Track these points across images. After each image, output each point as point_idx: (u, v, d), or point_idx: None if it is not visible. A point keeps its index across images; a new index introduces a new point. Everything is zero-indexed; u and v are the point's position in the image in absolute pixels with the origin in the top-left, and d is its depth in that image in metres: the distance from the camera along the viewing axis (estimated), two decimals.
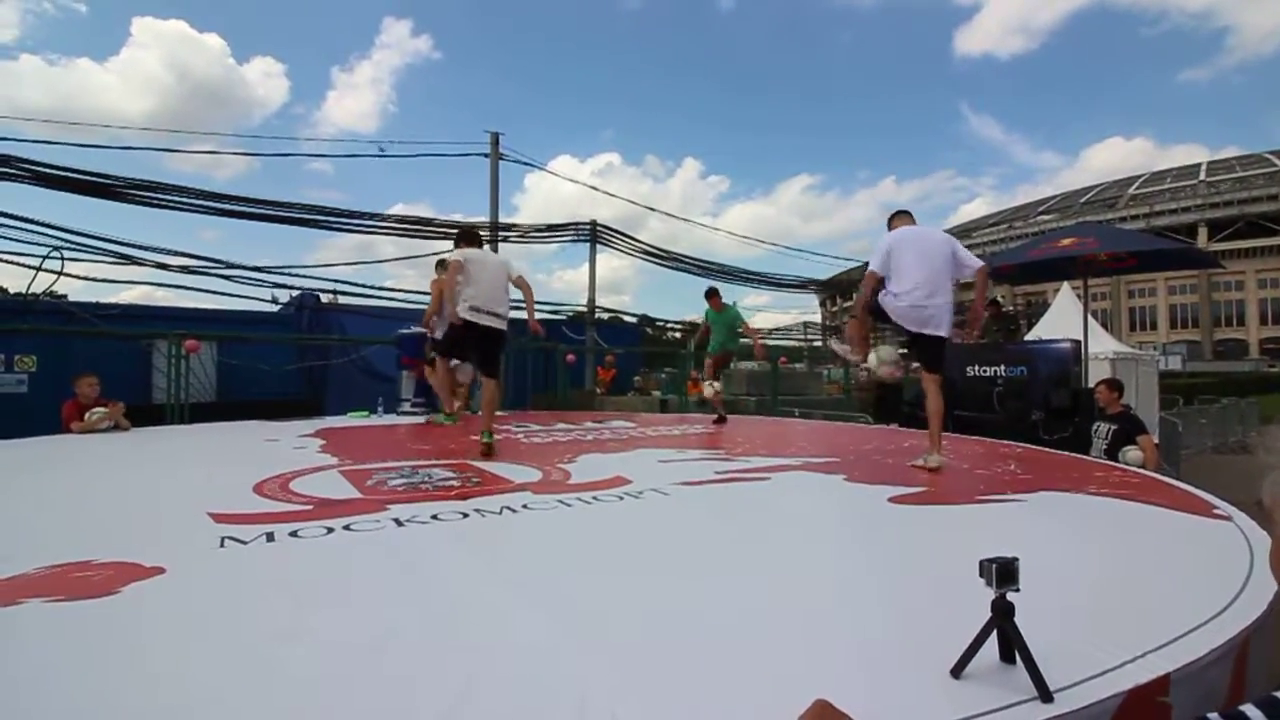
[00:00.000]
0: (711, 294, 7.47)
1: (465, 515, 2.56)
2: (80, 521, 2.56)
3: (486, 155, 12.82)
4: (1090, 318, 18.33)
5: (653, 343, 22.93)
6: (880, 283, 4.11)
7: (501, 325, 4.68)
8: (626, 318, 20.29)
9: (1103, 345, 13.75)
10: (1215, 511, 2.70)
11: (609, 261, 77.40)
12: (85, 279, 11.11)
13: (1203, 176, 66.98)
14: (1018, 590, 1.23)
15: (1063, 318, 16.82)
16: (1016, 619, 1.23)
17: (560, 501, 2.85)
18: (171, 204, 11.11)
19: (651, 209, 73.29)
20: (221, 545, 2.11)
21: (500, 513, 2.63)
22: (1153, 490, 3.29)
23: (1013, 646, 1.24)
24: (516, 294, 4.91)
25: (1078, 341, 9.29)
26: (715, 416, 7.26)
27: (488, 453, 4.21)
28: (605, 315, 17.29)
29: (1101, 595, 1.80)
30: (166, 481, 3.52)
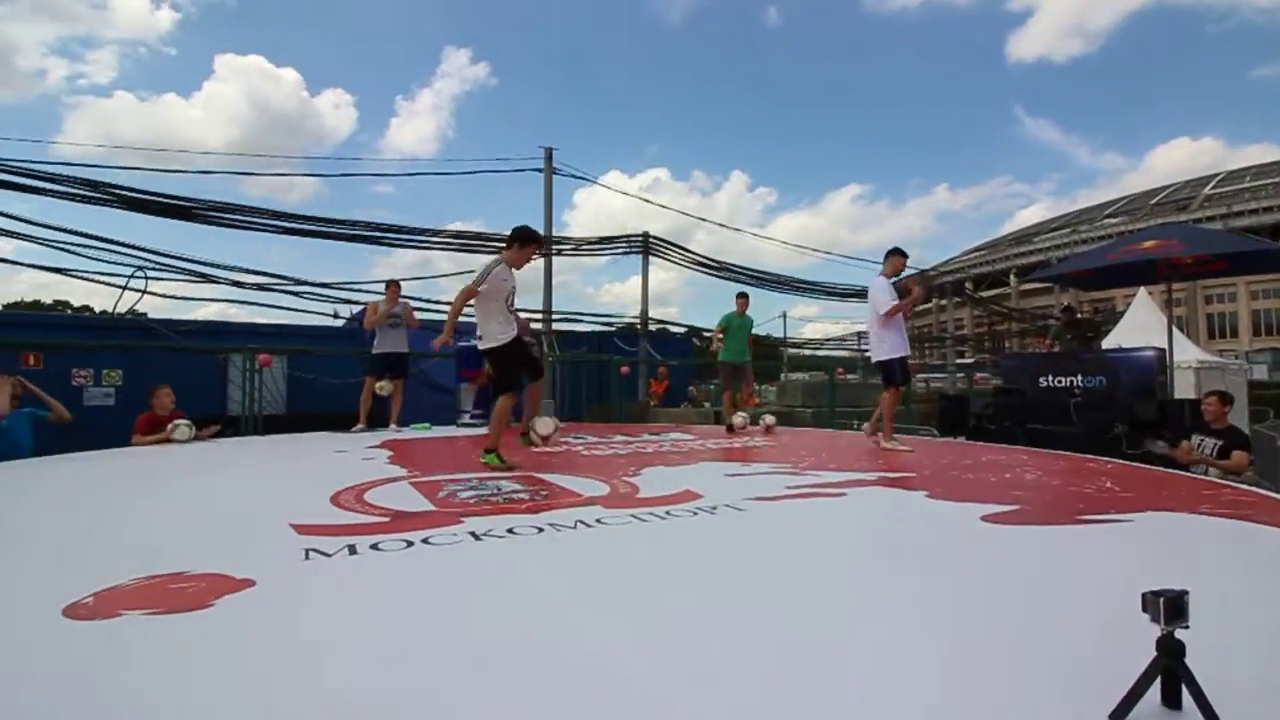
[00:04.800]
0: (742, 296, 7.59)
1: (540, 530, 2.52)
2: (171, 531, 2.63)
3: (540, 170, 13.01)
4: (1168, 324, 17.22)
5: (700, 354, 22.76)
6: None
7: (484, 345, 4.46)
8: (673, 329, 20.18)
9: (1185, 353, 12.95)
10: None
11: (655, 274, 77.57)
12: (165, 296, 11.71)
13: None
14: (1187, 627, 1.09)
15: (1138, 325, 15.90)
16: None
17: (633, 516, 2.78)
18: (244, 224, 11.66)
19: (703, 219, 73.62)
20: (306, 558, 2.12)
21: (575, 527, 2.57)
22: (1272, 510, 3.01)
23: (1180, 690, 1.10)
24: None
25: (1162, 349, 8.74)
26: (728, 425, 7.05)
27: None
28: (654, 327, 17.26)
29: (1246, 627, 1.61)
30: (248, 492, 3.62)
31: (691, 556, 2.29)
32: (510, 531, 2.48)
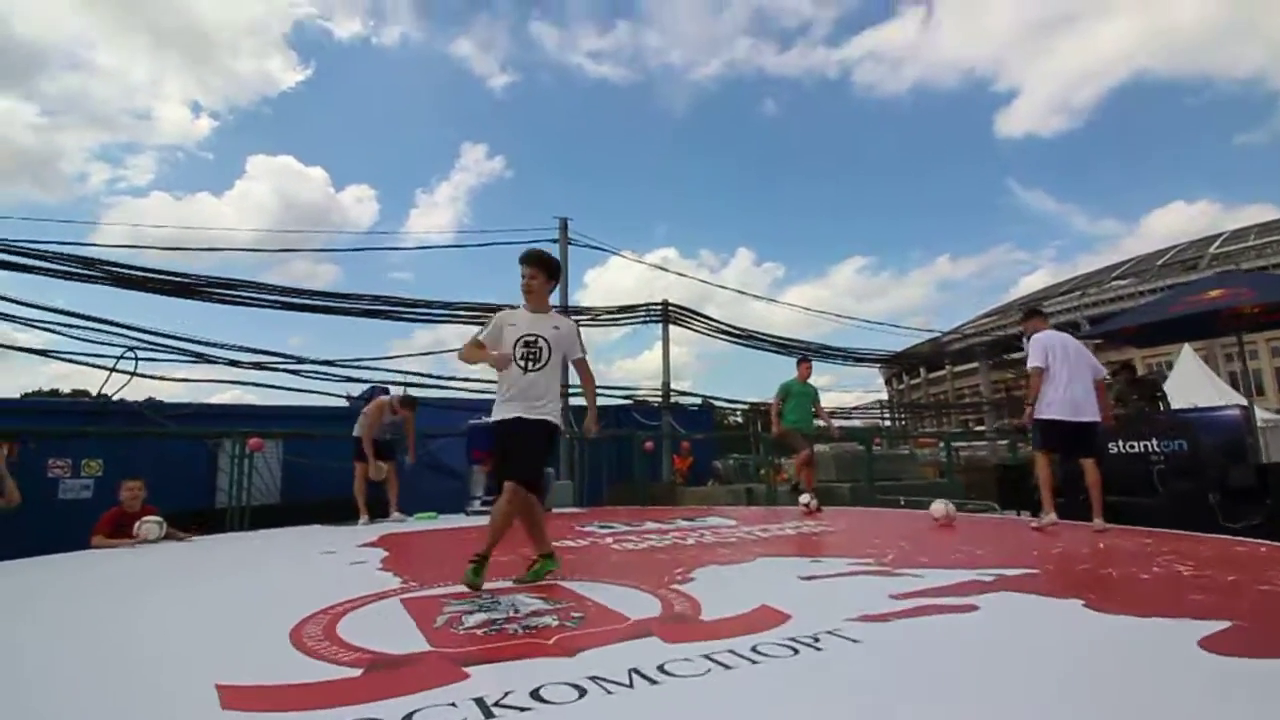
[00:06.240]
0: (804, 360, 7.07)
1: (581, 692, 1.70)
2: (38, 702, 1.82)
3: (556, 240, 12.71)
4: (1220, 382, 16.28)
5: (722, 427, 21.88)
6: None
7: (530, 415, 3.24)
8: (685, 400, 19.40)
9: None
10: None
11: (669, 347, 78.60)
12: (161, 379, 11.09)
13: None
14: None
15: (1187, 382, 15.00)
16: None
17: (709, 659, 1.95)
18: (247, 300, 11.24)
19: (722, 286, 76.12)
20: None
21: (630, 684, 1.75)
22: None
23: None
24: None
25: (1245, 408, 7.91)
26: (809, 505, 6.46)
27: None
28: (672, 399, 16.50)
29: None
30: (185, 622, 2.78)
31: None
32: (536, 697, 1.66)
